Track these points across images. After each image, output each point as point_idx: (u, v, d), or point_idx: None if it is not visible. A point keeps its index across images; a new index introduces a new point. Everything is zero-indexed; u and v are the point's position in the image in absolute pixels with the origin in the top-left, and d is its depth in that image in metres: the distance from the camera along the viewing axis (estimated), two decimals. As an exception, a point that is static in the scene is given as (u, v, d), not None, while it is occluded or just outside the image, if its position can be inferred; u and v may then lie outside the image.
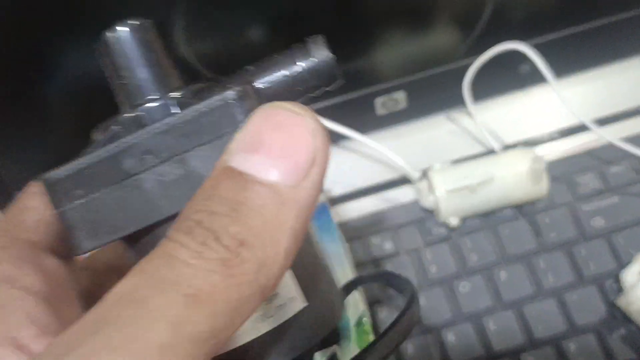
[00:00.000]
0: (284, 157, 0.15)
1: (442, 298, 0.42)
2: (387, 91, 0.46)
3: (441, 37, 0.44)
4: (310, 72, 0.19)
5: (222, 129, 0.17)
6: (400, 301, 0.41)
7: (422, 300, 0.42)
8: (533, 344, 0.40)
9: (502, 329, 0.41)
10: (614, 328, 0.40)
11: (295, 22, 0.40)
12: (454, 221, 0.43)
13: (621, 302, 0.40)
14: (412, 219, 0.45)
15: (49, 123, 0.41)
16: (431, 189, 0.43)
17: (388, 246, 0.44)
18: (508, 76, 0.47)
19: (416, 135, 0.49)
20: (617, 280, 0.41)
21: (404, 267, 0.43)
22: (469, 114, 0.47)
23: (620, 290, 0.41)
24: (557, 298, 0.41)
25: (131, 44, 0.19)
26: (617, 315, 0.40)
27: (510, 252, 0.43)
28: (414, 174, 0.45)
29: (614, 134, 0.43)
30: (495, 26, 0.44)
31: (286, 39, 0.41)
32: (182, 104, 0.18)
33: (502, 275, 0.42)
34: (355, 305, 0.39)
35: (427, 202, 0.43)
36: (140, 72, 0.19)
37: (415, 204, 0.45)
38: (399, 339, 0.20)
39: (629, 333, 0.40)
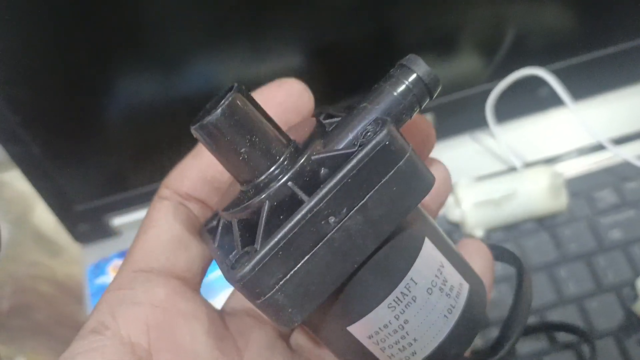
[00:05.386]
0: None
1: (468, 305, 0.45)
2: (416, 113, 0.49)
3: (465, 64, 0.48)
4: (417, 86, 0.20)
5: (386, 169, 0.18)
6: None
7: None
8: (555, 347, 0.43)
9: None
10: (631, 332, 0.42)
11: (334, 51, 0.44)
12: (479, 233, 0.46)
13: (637, 308, 0.42)
14: (439, 232, 0.48)
15: (108, 141, 0.45)
16: (457, 202, 0.46)
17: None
18: (528, 99, 0.51)
19: (442, 155, 0.51)
20: (633, 288, 0.44)
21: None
22: (492, 135, 0.50)
23: (636, 297, 0.43)
24: (577, 305, 0.44)
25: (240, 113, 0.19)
26: (634, 321, 0.43)
27: (533, 262, 0.45)
28: (441, 190, 0.48)
29: (629, 152, 0.46)
30: (515, 53, 0.47)
31: (317, 67, 0.45)
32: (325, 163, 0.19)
33: (525, 283, 0.45)
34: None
35: (454, 215, 0.46)
36: (260, 139, 0.19)
37: (441, 218, 0.48)
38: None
39: (646, 338, 0.42)
